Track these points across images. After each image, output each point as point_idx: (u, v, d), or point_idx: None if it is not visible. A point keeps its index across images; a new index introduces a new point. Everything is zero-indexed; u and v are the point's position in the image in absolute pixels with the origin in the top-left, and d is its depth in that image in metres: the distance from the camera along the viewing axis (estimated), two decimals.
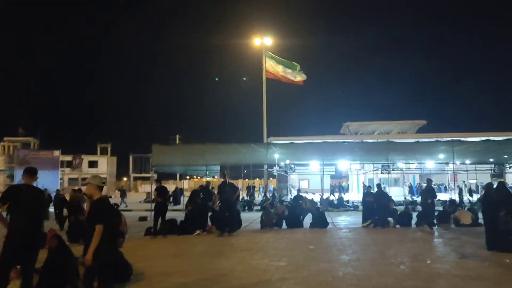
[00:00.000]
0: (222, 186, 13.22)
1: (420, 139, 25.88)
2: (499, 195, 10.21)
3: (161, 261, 8.86)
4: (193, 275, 7.38)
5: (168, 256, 9.43)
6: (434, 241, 11.43)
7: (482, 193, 17.09)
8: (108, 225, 4.87)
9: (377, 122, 44.93)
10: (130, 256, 7.31)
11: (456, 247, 10.04)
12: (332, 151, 20.17)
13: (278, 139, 31.04)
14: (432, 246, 10.55)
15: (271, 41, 33.51)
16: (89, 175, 5.36)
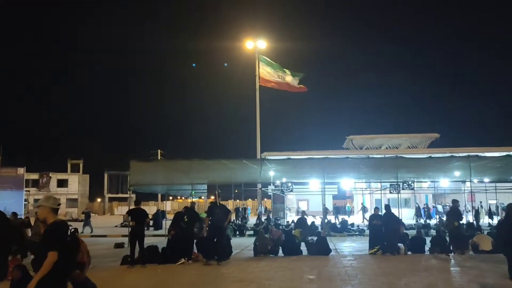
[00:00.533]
0: (212, 207, 13.15)
1: (432, 154, 26.02)
2: None
3: None
4: None
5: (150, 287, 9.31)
6: (450, 270, 11.39)
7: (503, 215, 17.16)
8: (61, 253, 4.72)
9: (384, 136, 45.12)
10: None
11: (476, 277, 10.01)
12: (335, 167, 20.19)
13: (273, 154, 31.02)
14: (449, 275, 10.51)
15: (265, 44, 33.64)
16: (43, 197, 5.20)
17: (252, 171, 19.53)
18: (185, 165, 18.78)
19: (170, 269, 11.94)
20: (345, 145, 45.72)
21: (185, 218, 13.76)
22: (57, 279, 4.71)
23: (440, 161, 20.16)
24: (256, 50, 32.96)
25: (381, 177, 22.74)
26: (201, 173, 19.75)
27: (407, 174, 20.82)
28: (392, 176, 20.51)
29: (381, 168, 20.18)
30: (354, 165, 20.02)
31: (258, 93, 32.64)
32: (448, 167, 19.56)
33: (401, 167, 19.26)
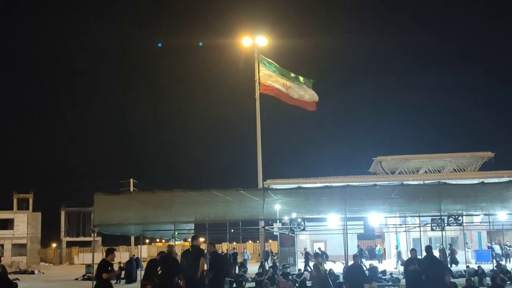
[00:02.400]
0: (183, 255, 13.29)
1: (486, 179, 25.95)
2: None
3: None
4: None
5: None
6: None
7: None
8: None
9: (422, 156, 45.21)
10: None
11: None
12: (359, 198, 20.10)
13: (280, 182, 31.04)
14: None
15: (266, 42, 33.62)
16: None
17: (252, 205, 19.45)
18: (165, 198, 18.64)
19: None
20: (372, 169, 45.79)
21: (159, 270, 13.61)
22: None
23: (496, 187, 20.05)
24: (255, 48, 32.94)
25: (419, 210, 22.67)
26: (186, 209, 19.65)
27: (453, 205, 20.75)
28: (434, 208, 20.43)
29: (420, 197, 20.10)
30: (385, 195, 19.92)
31: (259, 103, 32.64)
32: (507, 195, 19.52)
33: (445, 196, 19.18)
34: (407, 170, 45.09)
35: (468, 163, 45.01)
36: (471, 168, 44.43)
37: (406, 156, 44.92)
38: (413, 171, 45.18)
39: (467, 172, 43.09)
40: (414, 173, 44.22)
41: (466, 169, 44.57)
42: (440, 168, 45.42)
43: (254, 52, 32.84)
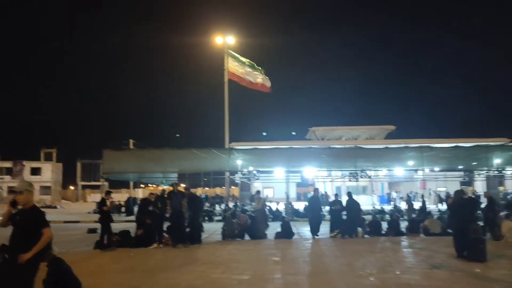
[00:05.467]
0: (171, 195, 13.35)
1: (389, 145, 26.49)
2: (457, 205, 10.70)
3: (113, 276, 8.62)
4: None
5: (121, 271, 9.20)
6: (404, 251, 11.69)
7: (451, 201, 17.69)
8: None
9: (344, 128, 45.70)
10: (78, 271, 7.07)
11: (426, 257, 10.32)
12: (298, 157, 20.34)
13: (241, 144, 30.97)
14: (402, 256, 10.79)
15: (234, 40, 33.47)
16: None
17: (221, 160, 19.47)
18: (157, 154, 18.57)
19: (141, 252, 11.85)
20: (308, 136, 46.10)
21: (159, 204, 13.64)
22: (43, 256, 4.89)
23: (396, 152, 20.54)
24: (225, 45, 32.77)
25: (341, 166, 23.04)
26: (172, 162, 19.58)
27: (365, 163, 21.15)
28: (351, 165, 20.80)
29: (341, 157, 20.45)
30: (316, 155, 20.21)
31: (227, 86, 32.52)
32: (403, 157, 19.98)
33: (359, 157, 19.55)
34: (333, 137, 45.54)
35: (377, 134, 45.70)
36: (378, 137, 45.16)
37: (332, 127, 45.36)
38: (337, 138, 45.62)
39: (376, 140, 43.78)
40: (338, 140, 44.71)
41: (375, 138, 45.27)
42: (357, 136, 46.00)
43: (224, 48, 32.66)
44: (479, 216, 16.25)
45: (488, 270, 8.67)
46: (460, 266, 9.17)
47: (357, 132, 45.90)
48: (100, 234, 12.68)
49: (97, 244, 12.69)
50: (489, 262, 9.44)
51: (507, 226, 13.29)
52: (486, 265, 9.18)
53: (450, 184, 33.45)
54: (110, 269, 9.43)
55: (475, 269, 8.71)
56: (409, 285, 7.43)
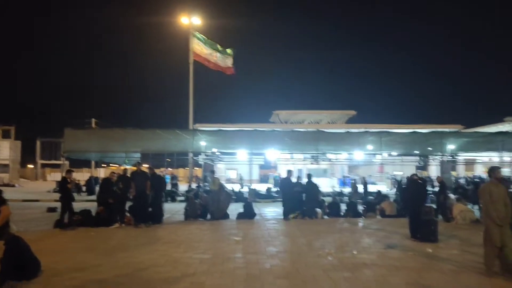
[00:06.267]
0: (134, 175, 13.13)
1: (349, 130, 26.97)
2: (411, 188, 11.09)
3: (73, 255, 8.48)
4: (109, 271, 7.16)
5: (81, 250, 9.06)
6: (361, 232, 12.01)
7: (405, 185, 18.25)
8: None
9: (307, 111, 46.17)
10: (37, 250, 6.94)
11: (382, 238, 10.66)
12: (262, 139, 20.44)
13: (205, 126, 30.89)
14: (359, 236, 11.09)
15: (200, 21, 32.94)
16: None
17: (184, 141, 19.36)
18: (120, 134, 18.24)
19: (102, 232, 11.69)
20: (272, 119, 46.35)
21: (120, 185, 13.45)
22: (0, 234, 4.73)
23: (356, 136, 20.94)
24: (191, 26, 32.23)
25: (303, 149, 23.32)
26: (135, 142, 19.31)
27: (326, 147, 21.49)
28: (313, 148, 21.09)
29: (304, 140, 20.68)
30: (279, 138, 20.37)
31: (192, 67, 32.11)
32: (363, 141, 20.41)
33: (321, 140, 19.84)
34: (296, 121, 45.96)
35: (338, 118, 46.41)
36: (340, 122, 45.87)
37: (295, 111, 45.75)
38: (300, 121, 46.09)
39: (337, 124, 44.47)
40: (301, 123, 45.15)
41: (336, 122, 45.95)
42: (319, 120, 46.56)
43: (190, 28, 32.10)
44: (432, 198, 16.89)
45: (439, 250, 9.03)
46: (413, 246, 9.52)
47: (320, 116, 46.46)
48: (60, 213, 12.42)
49: (57, 223, 12.44)
50: (440, 242, 9.84)
51: (458, 209, 13.86)
52: (437, 245, 9.56)
53: (407, 168, 34.44)
54: (70, 248, 9.28)
55: (427, 249, 9.07)
56: (365, 264, 7.66)
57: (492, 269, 6.92)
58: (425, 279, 6.69)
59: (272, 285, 6.31)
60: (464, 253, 8.66)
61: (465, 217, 13.43)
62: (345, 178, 32.13)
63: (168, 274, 6.96)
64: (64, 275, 6.89)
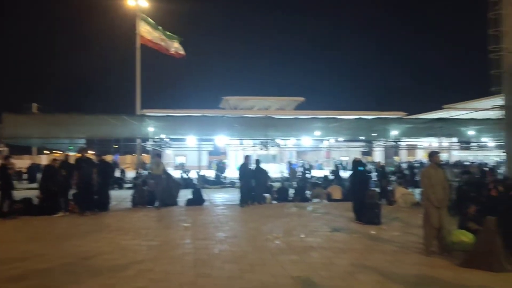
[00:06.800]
0: (79, 162, 12.62)
1: (298, 116, 27.31)
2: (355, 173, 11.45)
3: (16, 245, 8.14)
4: (54, 260, 6.94)
5: (24, 239, 8.72)
6: (308, 216, 12.27)
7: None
8: None
9: (256, 98, 46.23)
10: None
11: (328, 221, 10.95)
12: (211, 125, 20.35)
13: (153, 111, 30.26)
14: (306, 220, 11.32)
15: (147, 3, 32.10)
16: None
17: (131, 127, 18.97)
18: (63, 119, 17.57)
19: (46, 221, 11.29)
20: (222, 105, 46.14)
21: (63, 172, 12.98)
22: None
23: (304, 122, 21.28)
24: (137, 8, 31.35)
25: (252, 135, 23.44)
26: (80, 127, 18.71)
27: (275, 133, 21.70)
28: (262, 134, 21.23)
29: (253, 127, 20.78)
30: (229, 124, 20.34)
31: (139, 51, 31.34)
32: (310, 127, 20.77)
33: (270, 126, 20.01)
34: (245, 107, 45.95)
35: (287, 104, 46.81)
36: (289, 108, 46.31)
37: (245, 97, 45.68)
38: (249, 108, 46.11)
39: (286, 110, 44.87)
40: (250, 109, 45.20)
41: (285, 108, 46.36)
42: (268, 106, 46.80)
43: (137, 11, 31.23)
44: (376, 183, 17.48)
45: (382, 232, 9.39)
46: (358, 228, 9.84)
47: (269, 103, 46.69)
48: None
49: None
50: (383, 224, 10.23)
51: (400, 192, 14.44)
52: (380, 227, 9.93)
53: (352, 153, 35.41)
54: (12, 238, 8.92)
55: (370, 231, 9.40)
56: (312, 247, 7.84)
57: (430, 249, 7.28)
58: (368, 260, 6.94)
59: (221, 270, 6.35)
60: (405, 234, 9.05)
61: (406, 200, 14.02)
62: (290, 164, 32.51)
63: (115, 261, 6.84)
64: (6, 264, 6.63)
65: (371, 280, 5.81)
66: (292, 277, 5.94)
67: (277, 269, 6.39)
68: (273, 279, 5.88)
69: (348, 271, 6.27)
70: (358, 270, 6.32)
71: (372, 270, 6.31)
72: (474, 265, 6.32)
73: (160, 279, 5.91)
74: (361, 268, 6.41)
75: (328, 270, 6.30)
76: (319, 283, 5.68)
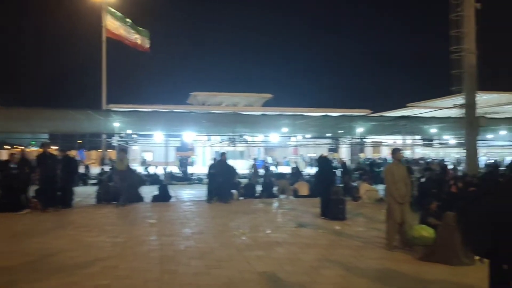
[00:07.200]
0: (41, 157, 12.26)
1: (265, 113, 27.42)
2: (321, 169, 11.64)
3: None
4: (17, 257, 6.75)
5: None
6: (274, 212, 12.36)
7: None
8: None
9: (225, 94, 46.13)
10: None
11: (294, 217, 11.06)
12: (178, 121, 20.19)
13: (119, 106, 29.78)
14: (273, 216, 11.41)
15: None
16: None
17: (97, 122, 18.61)
18: (25, 114, 17.05)
19: (7, 218, 10.93)
20: (190, 101, 45.82)
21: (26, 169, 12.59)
22: None
23: (272, 119, 21.39)
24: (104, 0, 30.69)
25: (220, 131, 23.40)
26: (43, 122, 18.25)
27: (243, 129, 21.73)
28: (230, 130, 21.22)
29: (221, 123, 20.74)
30: (197, 119, 20.23)
31: (105, 44, 30.73)
32: (278, 124, 20.88)
33: (238, 122, 20.02)
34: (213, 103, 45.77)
35: (255, 101, 46.91)
36: (257, 105, 46.41)
37: (213, 93, 45.52)
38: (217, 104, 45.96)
39: (254, 107, 44.95)
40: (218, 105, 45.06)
41: (253, 105, 46.43)
42: (236, 103, 46.75)
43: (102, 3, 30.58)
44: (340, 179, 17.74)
45: (347, 228, 9.56)
46: (323, 224, 9.99)
47: (237, 99, 46.67)
48: None
49: None
50: (348, 220, 10.42)
51: (364, 188, 14.73)
52: (345, 223, 10.11)
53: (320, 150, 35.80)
54: None
55: (335, 227, 9.56)
56: (277, 243, 7.91)
57: (393, 243, 7.46)
58: (333, 255, 7.06)
59: (187, 266, 6.33)
60: (369, 230, 9.25)
61: (370, 196, 14.31)
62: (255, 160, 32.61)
63: (80, 258, 6.72)
64: None
65: (335, 275, 5.92)
66: (258, 273, 5.99)
67: (243, 264, 6.43)
68: (239, 274, 5.91)
69: (313, 266, 6.37)
70: (323, 265, 6.43)
71: (336, 264, 6.43)
72: (434, 259, 6.53)
73: (125, 276, 5.85)
74: (326, 263, 6.52)
75: (293, 265, 6.38)
76: (284, 278, 5.75)
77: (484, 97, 33.27)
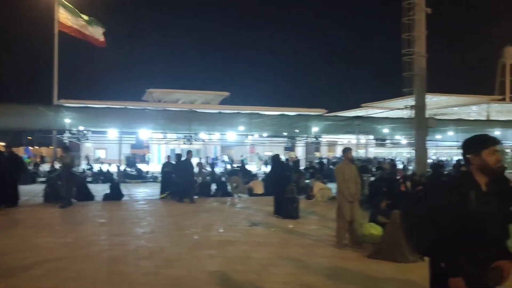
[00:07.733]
0: None
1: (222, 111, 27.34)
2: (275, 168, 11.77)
3: None
4: None
5: None
6: (228, 211, 12.35)
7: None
8: None
9: (181, 91, 45.61)
10: None
11: (248, 216, 11.09)
12: (133, 118, 19.83)
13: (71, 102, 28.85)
14: (226, 215, 11.39)
15: None
16: None
17: (47, 118, 18.01)
18: None
19: None
20: (145, 98, 45.04)
21: None
22: None
23: (229, 117, 21.36)
24: None
25: (176, 129, 23.14)
26: None
27: (199, 127, 21.59)
28: (186, 128, 21.03)
29: (177, 120, 20.53)
30: (152, 117, 19.95)
31: (57, 38, 29.74)
32: (235, 122, 20.90)
33: (194, 120, 19.87)
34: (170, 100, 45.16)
35: (212, 99, 46.63)
36: (214, 102, 46.17)
37: (170, 90, 44.89)
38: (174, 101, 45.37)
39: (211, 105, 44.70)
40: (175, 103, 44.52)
41: (210, 102, 46.16)
42: (193, 100, 46.33)
43: None
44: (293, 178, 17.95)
45: (300, 226, 9.67)
46: (276, 222, 10.07)
47: (194, 96, 46.27)
48: None
49: None
50: (301, 219, 10.54)
51: (318, 187, 14.96)
52: (298, 221, 10.22)
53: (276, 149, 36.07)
54: None
55: (288, 225, 9.66)
56: (230, 242, 7.91)
57: (343, 241, 7.62)
58: (285, 253, 7.12)
59: (136, 266, 6.23)
60: (321, 228, 9.40)
61: (324, 195, 14.55)
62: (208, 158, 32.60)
63: (27, 260, 6.47)
64: None
65: (285, 273, 5.98)
66: (208, 272, 5.96)
67: (194, 264, 6.39)
68: (188, 274, 5.87)
69: (264, 264, 6.41)
70: (274, 263, 6.48)
71: (287, 263, 6.50)
72: (381, 256, 6.71)
73: (73, 277, 5.68)
74: (277, 261, 6.57)
75: (244, 264, 6.40)
76: (234, 277, 5.75)
77: (434, 99, 34.55)
